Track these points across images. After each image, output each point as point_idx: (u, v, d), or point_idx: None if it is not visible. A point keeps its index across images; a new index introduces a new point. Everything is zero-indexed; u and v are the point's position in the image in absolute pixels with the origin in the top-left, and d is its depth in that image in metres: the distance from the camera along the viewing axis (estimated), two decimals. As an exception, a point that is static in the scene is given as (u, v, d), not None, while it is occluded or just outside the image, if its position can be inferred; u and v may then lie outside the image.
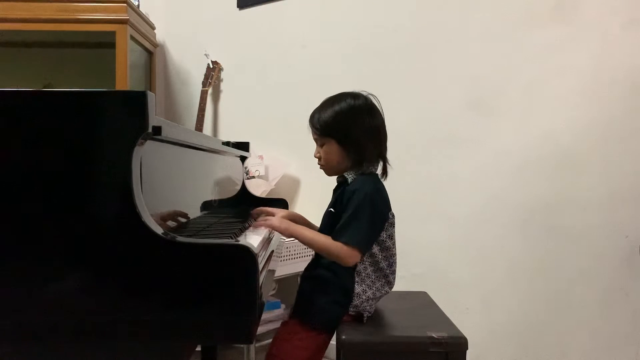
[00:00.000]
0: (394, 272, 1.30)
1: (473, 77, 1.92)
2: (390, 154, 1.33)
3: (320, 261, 1.28)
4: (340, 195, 1.27)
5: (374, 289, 1.26)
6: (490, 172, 1.89)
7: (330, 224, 1.27)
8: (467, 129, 1.93)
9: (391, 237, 1.28)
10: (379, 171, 1.32)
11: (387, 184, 1.32)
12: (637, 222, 1.66)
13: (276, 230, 1.26)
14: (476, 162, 1.91)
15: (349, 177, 1.28)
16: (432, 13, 2.01)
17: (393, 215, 1.28)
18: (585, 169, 1.73)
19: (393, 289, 1.32)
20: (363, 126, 1.25)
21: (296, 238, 1.25)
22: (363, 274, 1.26)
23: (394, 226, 1.29)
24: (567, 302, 1.76)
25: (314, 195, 1.32)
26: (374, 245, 1.26)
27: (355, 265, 1.24)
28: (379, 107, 1.30)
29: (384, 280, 1.28)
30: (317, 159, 1.33)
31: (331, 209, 1.29)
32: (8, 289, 0.78)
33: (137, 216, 0.76)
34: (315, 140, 1.32)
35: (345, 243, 1.18)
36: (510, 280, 1.86)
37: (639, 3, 1.66)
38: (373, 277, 1.26)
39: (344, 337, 1.18)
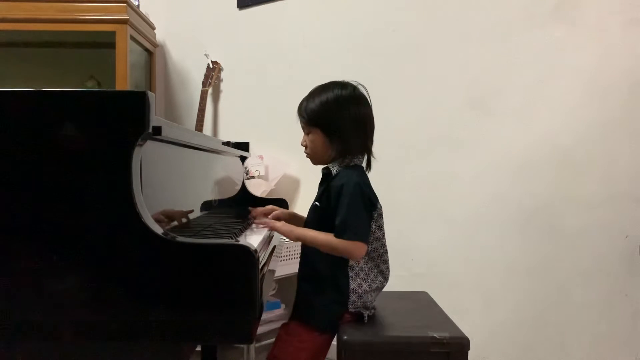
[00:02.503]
0: (385, 262, 1.29)
1: (473, 77, 1.92)
2: (390, 154, 1.33)
3: (311, 258, 1.28)
4: (325, 189, 1.27)
5: (368, 281, 1.26)
6: (490, 172, 1.89)
7: (317, 217, 1.28)
8: (467, 129, 1.92)
9: (380, 227, 1.28)
10: (364, 164, 1.31)
11: (387, 183, 1.32)
12: (637, 222, 1.66)
13: (280, 234, 1.26)
14: (476, 162, 1.91)
15: (334, 169, 1.27)
16: (432, 13, 2.01)
17: (381, 206, 1.28)
18: (585, 169, 1.73)
19: (393, 289, 1.32)
20: (348, 116, 1.25)
21: (301, 240, 1.26)
22: (356, 268, 1.25)
23: (382, 217, 1.29)
24: (567, 302, 1.76)
25: (314, 195, 1.32)
26: None
27: (348, 260, 1.24)
28: (367, 98, 1.30)
29: (376, 271, 1.28)
30: (304, 148, 1.33)
31: (316, 203, 1.30)
32: (8, 289, 0.78)
33: (137, 216, 0.76)
34: (303, 128, 1.32)
35: (349, 239, 1.18)
36: (510, 280, 1.85)
37: (639, 3, 1.66)
38: (366, 269, 1.26)
39: (345, 337, 1.18)
